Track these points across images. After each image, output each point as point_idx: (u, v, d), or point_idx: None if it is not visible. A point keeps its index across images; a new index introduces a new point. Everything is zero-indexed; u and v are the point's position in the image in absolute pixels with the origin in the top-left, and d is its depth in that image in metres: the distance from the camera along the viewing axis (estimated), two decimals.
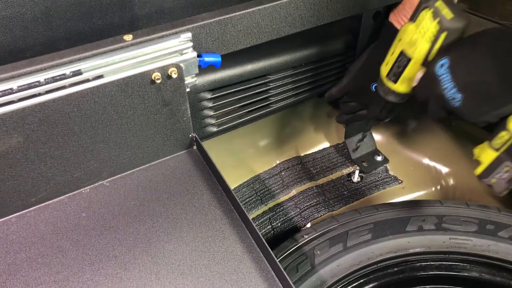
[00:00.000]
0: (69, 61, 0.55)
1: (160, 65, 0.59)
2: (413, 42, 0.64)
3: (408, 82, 0.68)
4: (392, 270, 0.77)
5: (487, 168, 0.64)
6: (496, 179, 0.64)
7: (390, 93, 0.71)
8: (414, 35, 0.64)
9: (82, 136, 0.59)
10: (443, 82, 0.59)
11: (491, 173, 0.64)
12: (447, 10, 0.60)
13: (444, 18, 0.60)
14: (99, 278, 0.54)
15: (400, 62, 0.67)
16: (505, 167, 0.62)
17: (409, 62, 0.65)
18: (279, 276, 0.53)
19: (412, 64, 0.65)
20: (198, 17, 0.63)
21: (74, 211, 0.62)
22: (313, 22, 0.73)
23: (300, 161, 1.10)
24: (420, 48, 0.63)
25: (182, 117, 0.66)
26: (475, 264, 0.76)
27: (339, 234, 0.78)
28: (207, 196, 0.63)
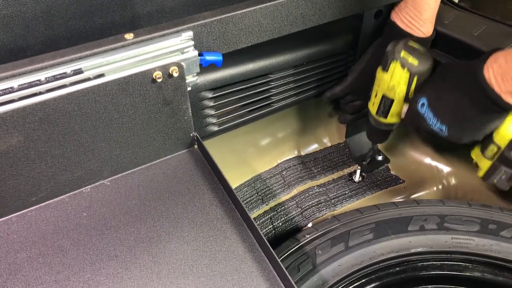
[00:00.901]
0: (70, 60, 0.55)
1: (161, 64, 0.58)
2: (391, 88, 0.74)
3: (397, 115, 0.78)
4: (394, 270, 0.76)
5: (486, 173, 0.71)
6: (497, 180, 0.70)
7: (383, 125, 0.82)
8: (391, 83, 0.74)
9: (83, 135, 0.59)
10: (427, 119, 0.68)
11: (491, 176, 0.71)
12: (412, 58, 0.70)
13: (411, 66, 0.70)
14: (100, 277, 0.53)
15: (385, 103, 0.77)
16: (502, 171, 0.69)
17: (393, 102, 0.76)
18: (281, 276, 0.53)
19: (395, 103, 0.76)
20: (199, 16, 0.63)
21: (75, 210, 0.61)
22: (314, 20, 0.73)
23: (301, 160, 1.09)
24: (399, 91, 0.74)
25: (183, 116, 0.65)
26: (477, 264, 0.76)
27: (340, 234, 0.78)
28: (208, 196, 0.63)
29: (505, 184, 0.70)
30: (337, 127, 1.12)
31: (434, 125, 0.68)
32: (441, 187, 1.03)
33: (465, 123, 0.65)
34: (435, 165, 1.04)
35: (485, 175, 0.72)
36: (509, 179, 0.68)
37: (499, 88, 0.58)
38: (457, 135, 0.67)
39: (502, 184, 0.70)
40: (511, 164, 0.67)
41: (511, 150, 0.66)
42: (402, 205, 0.83)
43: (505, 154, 0.66)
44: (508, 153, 0.66)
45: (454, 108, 0.65)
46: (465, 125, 0.65)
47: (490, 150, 0.68)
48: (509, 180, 0.69)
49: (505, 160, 0.67)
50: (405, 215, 0.80)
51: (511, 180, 0.69)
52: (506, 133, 0.65)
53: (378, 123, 0.82)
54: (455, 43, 0.82)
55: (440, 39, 0.83)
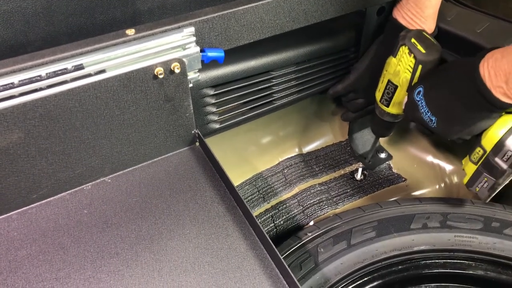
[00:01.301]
0: (71, 56, 0.55)
1: (163, 60, 0.58)
2: (397, 73, 0.75)
3: (399, 105, 0.79)
4: (397, 268, 0.76)
5: (471, 179, 0.72)
6: (479, 188, 0.71)
7: (386, 115, 0.82)
8: (397, 67, 0.74)
9: (84, 131, 0.59)
10: (420, 107, 0.69)
11: (474, 183, 0.71)
12: (420, 46, 0.71)
13: (418, 53, 0.71)
14: (101, 275, 0.53)
15: (389, 89, 0.78)
16: (484, 178, 0.69)
17: (397, 89, 0.77)
18: (283, 273, 0.52)
19: (399, 90, 0.76)
20: (201, 12, 0.62)
21: (76, 207, 0.61)
22: (317, 17, 0.72)
23: (303, 158, 1.09)
24: (403, 77, 0.74)
25: (185, 113, 0.65)
26: (480, 262, 0.75)
27: (342, 232, 0.78)
28: (210, 193, 0.62)
29: (485, 194, 0.70)
30: (340, 124, 1.12)
31: (425, 114, 0.68)
32: (443, 185, 1.03)
33: (454, 116, 0.65)
34: (437, 163, 1.04)
35: (469, 181, 0.72)
36: (491, 188, 0.68)
37: (491, 82, 0.58)
38: (445, 129, 0.67)
39: (483, 194, 0.71)
40: (494, 170, 0.67)
41: (495, 155, 0.65)
42: (404, 203, 0.82)
43: (489, 159, 0.66)
44: (492, 158, 0.66)
45: (445, 100, 0.66)
46: (453, 119, 0.65)
47: (476, 152, 0.68)
48: (490, 189, 0.68)
49: (489, 166, 0.67)
50: (407, 213, 0.79)
51: (492, 190, 0.68)
52: (493, 136, 0.65)
53: (382, 112, 0.82)
54: (458, 40, 0.82)
55: (442, 36, 0.83)
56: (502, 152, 0.64)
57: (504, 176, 0.66)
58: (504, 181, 0.67)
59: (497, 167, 0.66)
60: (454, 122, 0.66)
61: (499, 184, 0.67)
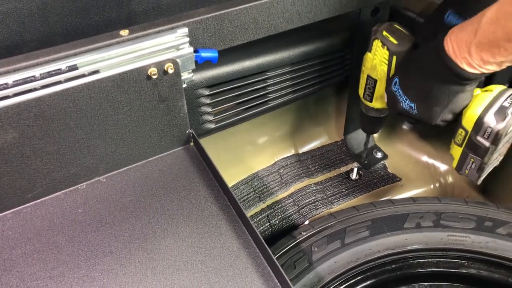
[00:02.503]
0: (65, 56, 0.55)
1: (156, 61, 0.58)
2: (374, 67, 0.77)
3: (381, 99, 0.80)
4: (390, 267, 0.76)
5: (459, 162, 0.72)
6: (468, 170, 0.71)
7: (370, 110, 0.84)
8: (373, 62, 0.76)
9: (78, 131, 0.59)
10: (399, 96, 0.70)
11: (462, 166, 0.71)
12: (392, 38, 0.73)
13: (391, 44, 0.73)
14: (95, 274, 0.54)
15: (370, 84, 0.80)
16: (471, 159, 0.69)
17: (376, 83, 0.78)
18: (275, 272, 0.53)
19: (378, 84, 0.78)
20: (195, 12, 0.63)
21: (70, 207, 0.62)
22: (310, 18, 0.73)
23: (298, 158, 1.09)
24: (380, 71, 0.76)
25: (179, 113, 0.65)
26: (473, 261, 0.76)
27: (337, 231, 0.78)
28: (204, 192, 0.63)
29: (475, 175, 0.70)
30: (336, 124, 1.12)
31: (405, 103, 0.69)
32: (438, 185, 1.04)
33: (430, 97, 0.66)
34: (432, 163, 1.04)
35: (457, 165, 0.72)
36: (479, 168, 0.68)
37: (455, 56, 0.59)
38: (427, 113, 0.68)
39: (473, 175, 0.70)
40: (478, 150, 0.67)
41: (476, 134, 0.66)
42: (398, 203, 0.83)
43: (471, 138, 0.67)
44: (474, 137, 0.66)
45: (419, 83, 0.67)
46: (430, 100, 0.66)
47: (459, 134, 0.68)
48: (479, 170, 0.68)
49: (472, 146, 0.67)
50: (401, 213, 0.80)
51: (480, 171, 0.68)
52: (472, 115, 0.65)
53: (366, 108, 0.84)
54: None
55: None
56: (482, 130, 0.65)
57: (488, 153, 0.66)
58: (490, 160, 0.67)
59: (480, 145, 0.66)
60: (432, 103, 0.66)
61: (485, 163, 0.67)
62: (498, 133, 0.63)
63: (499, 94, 0.65)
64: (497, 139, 0.64)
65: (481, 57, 0.57)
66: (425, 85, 0.65)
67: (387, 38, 0.72)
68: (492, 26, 0.54)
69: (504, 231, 0.75)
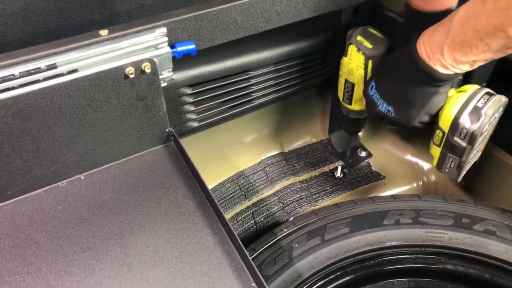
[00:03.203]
0: (45, 55, 0.56)
1: (134, 60, 0.60)
2: (351, 71, 0.77)
3: (360, 101, 0.81)
4: (369, 263, 0.78)
5: (438, 161, 0.73)
6: (447, 168, 0.72)
7: (351, 112, 0.85)
8: (349, 66, 0.77)
9: (57, 130, 0.60)
10: (376, 100, 0.71)
11: (442, 165, 0.73)
12: (367, 43, 0.73)
13: (365, 49, 0.73)
14: (72, 269, 0.55)
15: (348, 88, 0.81)
16: (450, 158, 0.70)
17: (354, 87, 0.79)
18: (248, 267, 0.54)
19: (356, 87, 0.79)
20: (174, 13, 0.64)
21: (50, 204, 0.62)
22: (290, 18, 0.74)
23: (284, 157, 1.11)
24: (357, 75, 0.77)
25: (158, 111, 0.66)
26: (450, 257, 0.77)
27: (317, 228, 0.79)
28: (182, 190, 0.64)
29: (455, 173, 0.71)
30: (321, 123, 1.14)
31: (382, 106, 0.70)
32: (421, 183, 1.05)
33: (406, 100, 0.67)
34: (416, 162, 1.06)
35: (437, 164, 0.73)
36: (458, 167, 0.69)
37: (428, 57, 0.60)
38: (404, 116, 0.69)
39: (452, 173, 0.72)
40: (455, 150, 0.68)
41: (453, 135, 0.67)
42: (379, 200, 0.84)
43: (449, 139, 0.68)
44: (451, 138, 0.67)
45: (395, 87, 0.67)
46: (406, 103, 0.67)
47: (437, 135, 0.69)
48: (458, 168, 0.70)
49: (450, 146, 0.69)
50: (381, 210, 0.81)
51: (460, 169, 0.70)
52: (448, 116, 0.66)
53: (347, 110, 0.85)
54: None
55: None
56: (458, 131, 0.66)
57: (465, 153, 0.67)
58: (469, 158, 0.69)
59: (457, 146, 0.67)
60: (408, 106, 0.67)
61: (463, 162, 0.69)
62: (473, 133, 0.65)
63: (473, 94, 0.66)
64: (472, 139, 0.65)
65: (454, 57, 0.58)
66: (400, 88, 0.66)
67: (362, 42, 0.74)
68: (463, 26, 0.55)
69: (480, 228, 0.77)
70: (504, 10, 0.49)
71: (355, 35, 0.75)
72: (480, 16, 0.53)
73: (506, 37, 0.51)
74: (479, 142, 0.69)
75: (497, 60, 0.81)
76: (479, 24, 0.53)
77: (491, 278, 0.75)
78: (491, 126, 0.69)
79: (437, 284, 0.80)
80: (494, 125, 0.71)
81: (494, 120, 0.68)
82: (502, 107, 0.67)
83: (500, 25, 0.50)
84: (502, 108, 0.68)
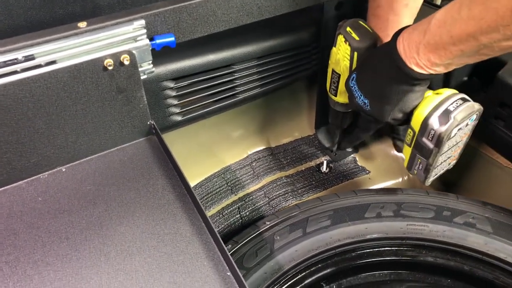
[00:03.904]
0: (22, 47, 0.57)
1: (112, 52, 0.60)
2: (338, 62, 0.78)
3: (345, 94, 0.79)
4: (350, 256, 0.78)
5: (408, 162, 0.73)
6: (416, 170, 0.73)
7: (336, 104, 0.85)
8: (337, 56, 0.77)
9: (37, 121, 0.61)
10: (354, 91, 0.72)
11: (412, 166, 0.73)
12: (354, 34, 0.73)
13: (353, 40, 0.73)
14: (49, 258, 0.55)
15: (334, 79, 0.81)
16: (418, 159, 0.71)
17: (340, 77, 0.79)
18: (224, 257, 0.55)
19: (342, 78, 0.79)
20: (153, 5, 0.64)
21: (31, 195, 0.63)
22: (271, 11, 0.74)
23: (271, 152, 1.11)
24: (343, 66, 0.77)
25: (139, 104, 0.67)
26: (430, 250, 0.78)
27: (299, 221, 0.80)
28: (162, 182, 0.64)
29: (422, 176, 0.71)
30: (308, 119, 1.14)
31: (359, 99, 0.70)
32: (407, 178, 1.06)
33: (381, 95, 0.67)
34: (401, 156, 1.06)
35: (408, 164, 0.74)
36: (425, 169, 0.70)
37: (405, 55, 0.61)
38: (378, 110, 0.69)
39: (420, 176, 0.72)
40: (423, 150, 0.68)
41: (422, 135, 0.67)
42: (361, 193, 0.85)
43: (418, 139, 0.68)
44: (420, 138, 0.67)
45: (372, 81, 0.68)
46: (381, 98, 0.67)
47: (408, 134, 0.69)
48: (425, 171, 0.70)
49: (419, 147, 0.69)
50: (363, 203, 0.82)
51: (427, 172, 0.70)
52: (419, 116, 0.66)
53: (333, 102, 0.85)
54: None
55: None
56: (426, 132, 0.66)
57: (432, 155, 0.68)
58: (435, 162, 0.69)
59: (425, 147, 0.67)
60: (383, 100, 0.67)
61: (430, 164, 0.69)
62: (440, 135, 0.65)
63: (447, 97, 0.66)
64: (439, 141, 0.65)
65: (428, 58, 0.59)
66: (377, 82, 0.67)
67: (350, 34, 0.74)
68: (439, 29, 0.56)
69: (461, 220, 0.78)
70: (477, 19, 0.49)
71: (344, 26, 0.75)
72: (455, 22, 0.53)
73: (479, 45, 0.52)
74: (449, 146, 0.69)
75: None
76: (453, 29, 0.53)
77: (470, 270, 0.76)
78: (463, 133, 0.69)
79: (417, 276, 0.81)
80: (467, 134, 0.71)
81: (466, 127, 0.68)
82: (476, 114, 0.67)
83: (473, 33, 0.51)
84: (476, 116, 0.68)
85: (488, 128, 0.82)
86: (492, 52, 0.53)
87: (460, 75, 0.83)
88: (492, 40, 0.50)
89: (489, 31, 0.49)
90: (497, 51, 0.52)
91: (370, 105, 0.69)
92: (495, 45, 0.51)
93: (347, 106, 0.85)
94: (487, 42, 0.50)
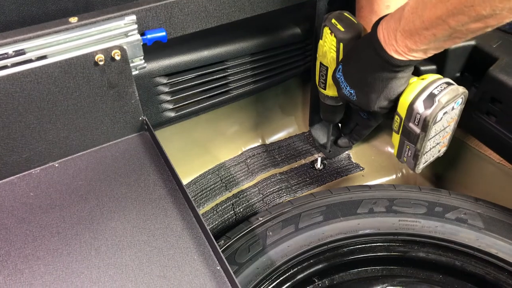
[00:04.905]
0: (13, 41, 0.57)
1: (103, 47, 0.60)
2: (324, 54, 0.77)
3: (333, 87, 0.78)
4: (342, 251, 0.79)
5: (398, 150, 0.73)
6: (406, 157, 0.72)
7: (326, 98, 0.84)
8: (323, 49, 0.77)
9: (28, 116, 0.61)
10: (341, 83, 0.72)
11: (401, 154, 0.73)
12: (339, 26, 0.73)
13: (338, 31, 0.73)
14: (40, 253, 0.55)
15: (322, 72, 0.80)
16: (407, 146, 0.70)
17: (328, 70, 0.79)
18: (214, 251, 0.55)
19: (329, 71, 0.78)
20: (144, 1, 0.64)
21: (23, 190, 0.63)
22: (263, 7, 0.75)
23: (266, 148, 1.11)
24: (329, 58, 0.76)
25: (130, 99, 0.67)
26: (422, 245, 0.78)
27: (292, 216, 0.80)
28: (154, 177, 0.65)
29: (412, 163, 0.71)
30: (303, 116, 1.14)
31: (345, 89, 0.71)
32: (400, 175, 1.06)
33: (365, 84, 0.67)
34: None
35: (397, 152, 0.73)
36: (414, 156, 0.70)
37: (385, 43, 0.61)
38: (364, 100, 0.69)
39: (410, 163, 0.71)
40: (410, 136, 0.68)
41: (409, 121, 0.67)
42: (354, 189, 0.85)
43: (405, 125, 0.68)
44: (407, 124, 0.67)
45: (357, 71, 0.68)
46: (366, 86, 0.68)
47: (395, 121, 0.70)
48: (414, 158, 0.70)
49: (406, 132, 0.69)
50: (355, 199, 0.82)
51: (416, 158, 0.70)
52: (404, 102, 0.66)
53: (323, 96, 0.85)
54: None
55: None
56: (413, 116, 0.66)
57: (419, 140, 0.68)
58: (424, 147, 0.68)
59: (411, 132, 0.67)
60: (368, 89, 0.68)
61: (418, 150, 0.69)
62: (425, 119, 0.65)
63: (432, 82, 0.66)
64: (425, 125, 0.65)
65: (405, 44, 0.59)
66: (361, 72, 0.67)
67: (335, 25, 0.74)
68: (412, 14, 0.56)
69: (452, 216, 0.78)
70: (444, 2, 0.50)
71: (330, 18, 0.75)
72: (425, 6, 0.54)
73: (449, 29, 0.52)
74: (435, 131, 0.69)
75: (469, 51, 0.83)
76: (424, 14, 0.54)
77: (461, 265, 0.76)
78: (449, 118, 0.69)
79: (409, 272, 0.81)
80: (455, 118, 0.71)
81: (453, 111, 0.68)
82: (461, 98, 0.67)
83: (441, 15, 0.51)
84: (462, 100, 0.68)
85: (480, 124, 0.82)
86: (464, 35, 0.53)
87: (452, 71, 0.83)
88: (460, 23, 0.51)
89: (455, 13, 0.50)
90: (468, 34, 0.53)
91: (356, 95, 0.70)
92: (463, 28, 0.51)
93: (337, 99, 0.84)
94: (456, 25, 0.51)
